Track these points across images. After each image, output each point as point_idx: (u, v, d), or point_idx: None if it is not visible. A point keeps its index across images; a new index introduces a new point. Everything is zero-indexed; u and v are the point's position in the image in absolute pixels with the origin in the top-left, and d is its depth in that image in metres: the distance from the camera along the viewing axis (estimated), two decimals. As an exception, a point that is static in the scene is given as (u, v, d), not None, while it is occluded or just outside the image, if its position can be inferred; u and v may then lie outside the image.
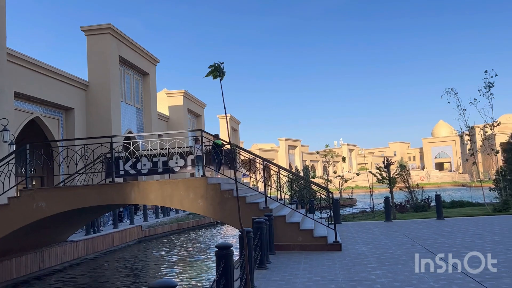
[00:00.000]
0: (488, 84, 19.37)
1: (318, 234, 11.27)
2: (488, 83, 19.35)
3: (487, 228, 13.37)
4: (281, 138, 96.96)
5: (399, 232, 13.77)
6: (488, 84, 19.36)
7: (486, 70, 19.10)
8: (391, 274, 7.86)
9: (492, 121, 19.52)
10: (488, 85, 19.32)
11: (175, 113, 47.93)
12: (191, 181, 11.64)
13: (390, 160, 20.85)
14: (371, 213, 22.44)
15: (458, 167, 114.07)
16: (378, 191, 44.49)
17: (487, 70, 19.06)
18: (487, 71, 19.13)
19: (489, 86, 19.30)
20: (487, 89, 19.15)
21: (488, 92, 19.10)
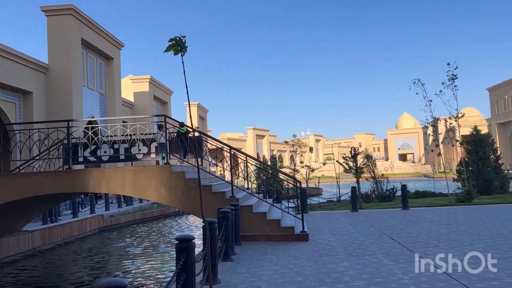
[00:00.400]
0: (451, 76, 19.59)
1: (285, 224, 11.00)
2: (452, 75, 19.57)
3: (452, 219, 13.48)
4: (249, 128, 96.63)
5: (366, 222, 13.71)
6: (452, 76, 19.58)
7: (449, 63, 19.36)
8: (359, 265, 7.65)
9: (457, 112, 19.79)
10: (451, 78, 19.53)
11: (141, 99, 46.68)
12: (154, 169, 11.10)
13: (357, 150, 20.85)
14: (337, 203, 22.47)
15: (420, 158, 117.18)
16: (344, 181, 44.85)
17: (450, 62, 19.30)
18: (450, 63, 19.36)
19: (452, 78, 19.52)
20: (451, 81, 19.36)
21: (452, 84, 19.34)
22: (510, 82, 69.62)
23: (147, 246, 17.94)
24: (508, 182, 24.33)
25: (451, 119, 19.85)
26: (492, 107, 76.92)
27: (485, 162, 23.11)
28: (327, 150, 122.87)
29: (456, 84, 19.21)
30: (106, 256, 16.44)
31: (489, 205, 16.93)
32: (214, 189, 10.87)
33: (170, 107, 57.25)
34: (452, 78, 19.27)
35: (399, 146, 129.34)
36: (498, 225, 11.57)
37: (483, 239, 9.58)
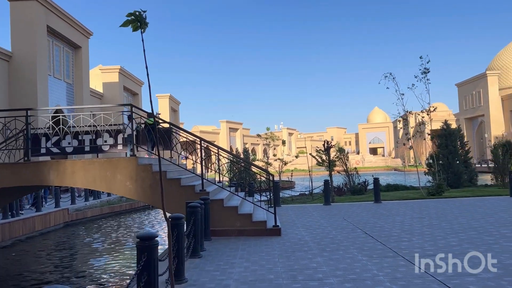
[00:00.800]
0: (424, 70, 19.62)
1: (257, 218, 10.66)
2: (424, 69, 19.60)
3: (424, 212, 13.46)
4: (222, 121, 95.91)
5: (339, 215, 13.54)
6: (424, 70, 19.61)
7: (421, 56, 19.41)
8: (333, 261, 7.39)
9: (429, 106, 19.88)
10: (424, 71, 19.57)
11: (110, 90, 45.42)
12: (119, 161, 10.54)
13: (330, 143, 20.71)
14: (310, 196, 22.34)
15: (390, 152, 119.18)
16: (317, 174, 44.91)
17: (422, 56, 19.33)
18: (422, 57, 19.40)
19: (425, 72, 19.55)
20: (424, 74, 19.40)
21: (425, 78, 19.38)
22: (478, 78, 71.39)
23: (114, 241, 17.33)
24: (476, 176, 24.77)
25: (423, 112, 19.93)
26: (460, 102, 78.83)
27: (454, 156, 23.43)
28: (300, 143, 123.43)
29: (428, 78, 19.29)
30: (71, 252, 15.76)
31: (459, 199, 17.09)
32: (183, 182, 10.41)
33: (141, 98, 56.01)
34: (425, 71, 19.31)
35: (370, 140, 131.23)
36: (469, 219, 11.57)
37: (456, 233, 9.50)
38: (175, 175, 10.90)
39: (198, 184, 10.49)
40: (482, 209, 13.43)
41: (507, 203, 14.78)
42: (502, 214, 12.15)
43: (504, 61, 74.74)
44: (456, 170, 22.92)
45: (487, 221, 11.09)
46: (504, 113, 67.48)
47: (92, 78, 47.72)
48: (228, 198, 11.19)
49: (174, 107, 69.45)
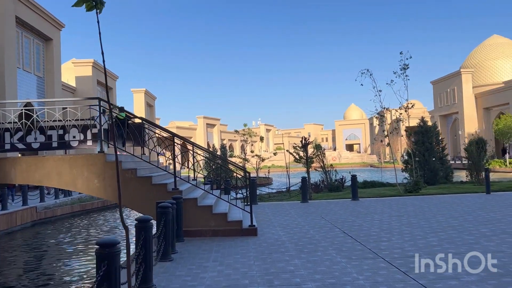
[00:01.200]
0: (403, 66, 19.51)
1: (232, 217, 10.26)
2: (404, 65, 19.49)
3: (402, 210, 13.29)
4: (200, 116, 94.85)
5: (316, 213, 13.26)
6: (404, 66, 19.50)
7: (402, 52, 19.21)
8: (311, 264, 7.05)
9: (407, 102, 19.81)
10: (403, 67, 19.46)
11: (83, 84, 44.25)
12: (86, 157, 9.95)
13: (308, 140, 20.45)
14: (287, 193, 22.08)
15: (366, 148, 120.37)
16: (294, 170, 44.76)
17: (402, 51, 19.15)
18: (402, 52, 19.23)
19: (404, 68, 19.44)
20: (403, 70, 19.28)
21: (404, 74, 19.26)
22: (453, 76, 72.56)
23: (84, 241, 16.65)
24: (452, 172, 24.96)
25: (401, 109, 19.84)
26: (435, 99, 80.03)
27: (431, 153, 23.52)
28: (278, 139, 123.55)
29: (407, 74, 19.17)
30: (38, 254, 15.03)
31: (436, 196, 17.05)
32: (155, 180, 9.91)
33: (115, 93, 54.90)
34: (404, 67, 19.18)
35: (346, 137, 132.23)
36: (448, 217, 11.43)
37: (436, 232, 9.30)
38: (146, 172, 10.38)
39: (170, 183, 10.00)
40: (460, 207, 13.35)
41: (483, 201, 14.78)
42: (480, 212, 12.06)
43: (478, 60, 76.16)
44: (432, 167, 23.01)
45: (466, 219, 10.96)
46: (478, 110, 68.78)
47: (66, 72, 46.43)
48: (202, 196, 10.74)
49: (149, 102, 68.30)
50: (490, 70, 74.23)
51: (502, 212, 11.84)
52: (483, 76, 74.00)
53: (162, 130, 12.07)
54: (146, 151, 10.71)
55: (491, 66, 74.33)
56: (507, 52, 74.50)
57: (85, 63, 44.75)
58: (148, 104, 67.46)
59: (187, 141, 12.61)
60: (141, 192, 9.67)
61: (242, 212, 10.64)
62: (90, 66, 44.63)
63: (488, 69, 74.39)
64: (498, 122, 47.06)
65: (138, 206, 9.91)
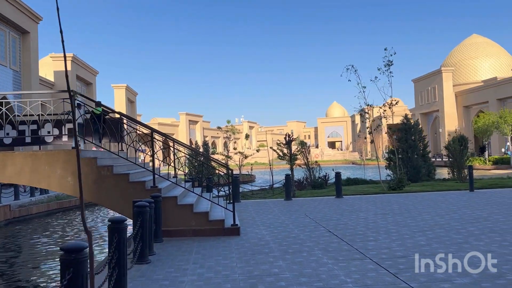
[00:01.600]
0: (387, 62, 19.30)
1: (214, 216, 9.87)
2: (388, 61, 19.29)
3: (387, 208, 13.08)
4: (182, 113, 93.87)
5: (300, 211, 12.96)
6: (388, 62, 19.30)
7: (386, 48, 18.98)
8: (296, 265, 6.72)
9: (391, 99, 19.67)
10: (387, 63, 19.26)
11: (62, 79, 43.06)
12: (59, 154, 9.42)
13: (292, 137, 20.14)
14: (270, 191, 21.77)
15: (348, 146, 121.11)
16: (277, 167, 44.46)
17: (387, 48, 18.94)
18: (387, 49, 19.02)
19: (388, 64, 19.24)
20: (387, 67, 19.09)
21: (388, 70, 19.07)
22: (433, 74, 73.27)
23: (61, 241, 16.02)
24: (434, 170, 24.98)
25: (385, 106, 19.67)
26: (416, 98, 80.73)
27: (414, 150, 23.46)
28: (261, 137, 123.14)
29: (391, 71, 19.00)
30: (10, 255, 14.35)
31: (420, 193, 16.93)
32: (132, 178, 9.43)
33: (95, 88, 53.74)
34: (388, 64, 18.99)
35: (329, 134, 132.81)
36: (434, 215, 11.25)
37: (423, 231, 9.08)
38: (123, 170, 9.90)
39: (149, 180, 9.54)
40: (444, 205, 13.22)
41: (467, 198, 14.70)
42: (465, 210, 11.93)
43: (457, 59, 77.05)
44: (415, 164, 22.96)
45: (452, 217, 10.79)
46: (458, 108, 69.56)
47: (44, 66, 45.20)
48: (183, 195, 10.31)
49: (131, 98, 67.22)
50: (470, 69, 75.19)
51: (488, 210, 11.73)
52: (462, 75, 74.92)
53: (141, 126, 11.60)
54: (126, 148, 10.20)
55: (471, 65, 75.29)
56: (486, 52, 75.55)
57: (64, 57, 43.60)
58: (129, 100, 66.41)
59: (167, 137, 12.17)
60: (118, 190, 9.19)
61: (224, 211, 10.25)
62: (69, 61, 43.51)
63: (467, 68, 75.34)
64: (478, 120, 47.58)
65: (115, 205, 9.44)
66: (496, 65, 74.18)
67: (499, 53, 76.63)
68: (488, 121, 44.81)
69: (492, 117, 44.87)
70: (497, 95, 58.38)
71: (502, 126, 43.46)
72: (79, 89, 47.30)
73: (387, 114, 18.84)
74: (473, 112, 67.24)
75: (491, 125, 44.36)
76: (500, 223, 9.72)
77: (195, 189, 12.27)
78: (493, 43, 78.87)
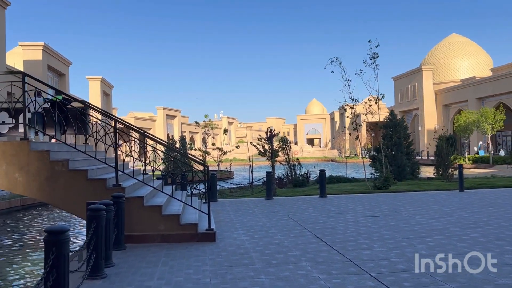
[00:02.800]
0: (372, 54, 18.29)
1: (187, 219, 8.70)
2: (373, 53, 18.26)
3: (376, 209, 12.11)
4: (159, 107, 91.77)
5: (282, 212, 11.90)
6: (373, 54, 18.28)
7: (370, 40, 17.92)
8: (282, 282, 5.62)
9: (377, 93, 18.81)
10: (373, 56, 18.25)
11: (32, 69, 40.73)
12: (5, 146, 8.05)
13: (274, 132, 19.03)
14: (249, 188, 20.68)
15: (327, 143, 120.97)
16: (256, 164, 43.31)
17: (371, 39, 17.91)
18: (371, 41, 17.99)
19: (373, 57, 18.24)
20: (372, 60, 18.08)
21: (374, 63, 18.09)
22: (414, 72, 73.31)
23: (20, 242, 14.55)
24: (418, 168, 24.26)
25: (371, 101, 18.72)
26: (396, 95, 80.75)
27: (399, 148, 22.67)
28: (240, 133, 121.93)
29: (377, 64, 18.03)
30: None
31: (407, 193, 16.04)
32: (91, 175, 8.16)
33: (68, 79, 51.58)
34: (373, 56, 18.02)
35: (308, 131, 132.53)
36: (428, 218, 10.32)
37: (421, 237, 8.11)
38: (82, 165, 8.61)
39: (111, 178, 8.29)
40: (437, 206, 12.33)
41: (459, 199, 13.86)
42: (461, 212, 11.04)
43: (437, 57, 77.35)
44: (400, 163, 22.17)
45: (449, 221, 9.87)
46: (437, 107, 69.76)
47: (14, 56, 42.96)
48: (151, 194, 9.09)
49: (106, 91, 65.01)
50: (449, 68, 75.58)
51: (485, 213, 10.86)
52: (441, 74, 75.22)
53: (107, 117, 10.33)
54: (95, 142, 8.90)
55: (450, 64, 75.67)
56: (465, 51, 76.03)
57: (34, 46, 41.43)
58: (104, 93, 64.25)
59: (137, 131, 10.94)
60: (74, 189, 7.92)
61: (199, 213, 9.06)
62: (40, 50, 41.37)
63: (446, 67, 75.70)
64: (459, 118, 47.42)
65: (70, 207, 8.18)
66: (474, 64, 74.73)
67: (477, 52, 77.22)
68: (469, 119, 44.63)
69: (473, 115, 44.70)
70: (476, 94, 58.58)
71: (483, 124, 43.33)
72: (51, 80, 45.22)
73: (373, 109, 17.86)
74: (452, 110, 67.49)
75: (472, 124, 44.18)
76: (503, 228, 8.84)
77: (165, 187, 11.06)
78: (472, 42, 79.47)
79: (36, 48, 41.37)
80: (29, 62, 41.10)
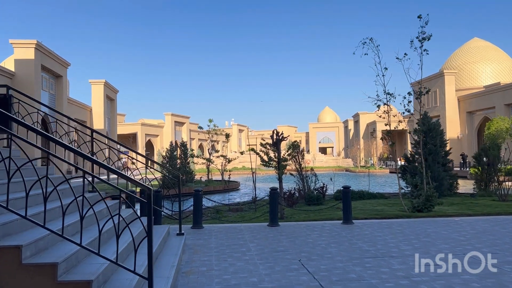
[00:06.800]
0: (422, 35, 13.99)
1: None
2: (422, 33, 13.95)
3: (432, 249, 8.04)
4: (167, 113, 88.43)
5: (291, 252, 8.00)
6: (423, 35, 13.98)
7: (420, 15, 13.67)
8: None
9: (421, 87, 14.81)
10: (423, 38, 13.97)
11: (23, 68, 37.84)
12: None
13: (281, 135, 15.10)
14: (253, 204, 16.85)
15: (339, 152, 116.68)
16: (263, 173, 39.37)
17: (421, 15, 13.63)
18: (421, 16, 13.72)
19: (423, 38, 14.00)
20: (421, 42, 13.90)
21: (422, 47, 13.92)
22: (434, 77, 68.94)
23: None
24: (457, 182, 20.13)
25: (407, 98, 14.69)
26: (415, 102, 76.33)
27: (435, 157, 18.61)
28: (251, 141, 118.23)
29: (426, 48, 13.86)
30: None
31: (463, 218, 11.94)
32: None
33: (67, 82, 48.50)
34: (424, 38, 13.77)
35: (320, 140, 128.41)
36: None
37: None
38: None
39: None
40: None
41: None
42: None
43: (458, 63, 72.92)
44: (437, 176, 18.09)
45: None
46: (460, 114, 65.25)
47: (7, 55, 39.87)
48: (47, 241, 5.12)
49: (110, 96, 61.75)
50: (471, 73, 71.14)
51: None
52: (463, 80, 70.77)
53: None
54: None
55: (472, 70, 71.25)
56: (487, 56, 71.59)
57: (26, 44, 38.34)
58: (108, 98, 61.05)
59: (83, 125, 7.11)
60: None
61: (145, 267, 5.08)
62: (32, 48, 38.26)
63: (468, 73, 71.27)
64: (490, 126, 43.02)
65: None
66: (498, 70, 70.18)
67: (501, 57, 72.66)
68: (501, 126, 40.24)
69: (506, 122, 40.32)
70: (505, 100, 54.03)
71: (517, 132, 38.99)
72: (46, 82, 42.06)
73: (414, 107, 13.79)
74: (476, 118, 62.88)
75: (505, 132, 39.79)
76: None
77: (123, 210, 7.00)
78: (495, 47, 74.95)
79: (28, 46, 38.31)
80: (20, 61, 38.07)
